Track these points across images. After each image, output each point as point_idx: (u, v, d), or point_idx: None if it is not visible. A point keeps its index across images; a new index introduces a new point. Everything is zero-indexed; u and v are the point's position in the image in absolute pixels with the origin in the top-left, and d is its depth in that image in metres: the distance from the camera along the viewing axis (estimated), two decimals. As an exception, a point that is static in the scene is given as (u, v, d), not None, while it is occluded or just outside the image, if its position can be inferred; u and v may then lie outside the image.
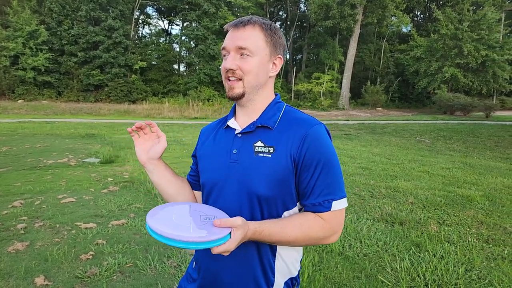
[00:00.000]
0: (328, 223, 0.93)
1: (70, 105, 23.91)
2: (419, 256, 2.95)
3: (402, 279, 2.56)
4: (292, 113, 0.99)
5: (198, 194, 1.14)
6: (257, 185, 0.91)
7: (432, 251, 3.02)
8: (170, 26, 36.09)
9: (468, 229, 3.58)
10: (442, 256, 2.94)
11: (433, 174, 6.27)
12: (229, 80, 0.95)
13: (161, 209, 0.88)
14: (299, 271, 1.05)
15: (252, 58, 0.94)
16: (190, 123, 17.91)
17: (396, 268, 2.74)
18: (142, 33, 34.90)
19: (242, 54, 0.93)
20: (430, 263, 2.80)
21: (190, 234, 0.76)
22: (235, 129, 1.00)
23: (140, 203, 4.39)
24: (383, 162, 7.38)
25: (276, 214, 0.94)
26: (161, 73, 30.16)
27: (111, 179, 5.61)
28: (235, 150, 0.97)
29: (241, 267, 0.96)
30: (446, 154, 9.43)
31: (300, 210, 0.99)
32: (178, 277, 2.59)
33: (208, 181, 1.01)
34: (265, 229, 0.87)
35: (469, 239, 3.31)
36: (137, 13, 31.24)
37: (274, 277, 0.97)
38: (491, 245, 3.20)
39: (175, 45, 32.81)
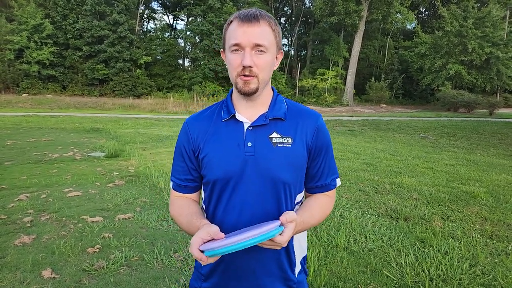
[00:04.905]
0: (332, 199, 1.10)
1: (75, 99, 23.96)
2: (423, 251, 2.97)
3: (407, 274, 2.58)
4: (294, 105, 1.08)
5: (193, 195, 1.10)
6: (281, 173, 0.97)
7: (436, 247, 3.04)
8: (175, 21, 36.04)
9: (472, 225, 3.59)
10: (447, 252, 2.96)
11: (437, 171, 6.25)
12: (244, 76, 0.94)
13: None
14: (307, 249, 1.15)
15: (267, 54, 0.95)
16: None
17: (401, 263, 2.75)
18: (147, 28, 34.88)
19: (258, 51, 0.94)
20: (435, 259, 2.81)
21: (252, 232, 0.80)
22: (243, 122, 1.01)
23: (146, 197, 4.42)
24: (387, 158, 7.37)
25: (294, 197, 1.04)
26: (166, 68, 30.12)
27: (117, 173, 5.65)
28: (249, 143, 0.98)
29: (266, 254, 0.99)
30: (450, 150, 9.40)
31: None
32: (185, 270, 2.62)
33: (221, 177, 0.98)
34: (304, 219, 0.97)
35: (473, 235, 3.32)
36: (142, 8, 31.18)
37: (295, 258, 1.05)
38: (495, 241, 3.20)
39: (180, 40, 32.72)
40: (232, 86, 1.02)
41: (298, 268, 1.06)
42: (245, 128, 1.00)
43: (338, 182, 1.10)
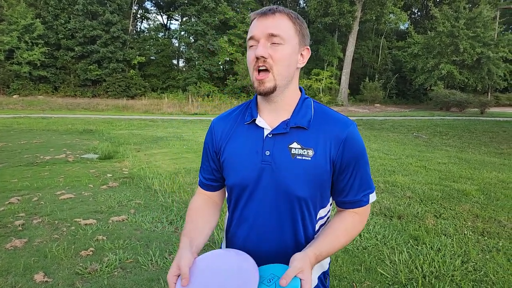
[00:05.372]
0: (361, 216, 0.98)
1: (67, 100, 23.73)
2: (417, 249, 3.00)
3: (401, 271, 2.60)
4: (323, 111, 0.97)
5: (215, 194, 1.10)
6: (297, 188, 0.90)
7: (429, 244, 3.07)
8: (169, 21, 35.92)
9: (464, 222, 3.63)
10: (439, 249, 2.99)
11: (430, 169, 6.32)
12: (259, 71, 0.88)
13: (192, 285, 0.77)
14: (329, 263, 1.06)
15: (284, 46, 0.88)
16: (190, 119, 17.86)
17: (395, 260, 2.78)
18: (140, 28, 34.72)
19: (273, 42, 0.87)
20: (428, 256, 2.85)
21: None
22: (263, 128, 0.94)
23: (140, 198, 4.39)
24: (381, 158, 7.42)
25: (314, 212, 0.96)
26: (160, 69, 30.01)
27: (110, 175, 5.60)
28: (267, 151, 0.92)
29: None
30: (442, 149, 9.50)
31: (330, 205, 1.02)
32: (179, 270, 2.61)
33: (238, 184, 0.96)
34: (323, 250, 0.87)
35: (465, 232, 3.36)
36: (135, 8, 31.02)
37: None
38: (486, 238, 3.25)
39: (174, 40, 32.66)
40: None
41: (314, 283, 0.99)
42: (265, 135, 0.94)
43: (372, 197, 0.98)
